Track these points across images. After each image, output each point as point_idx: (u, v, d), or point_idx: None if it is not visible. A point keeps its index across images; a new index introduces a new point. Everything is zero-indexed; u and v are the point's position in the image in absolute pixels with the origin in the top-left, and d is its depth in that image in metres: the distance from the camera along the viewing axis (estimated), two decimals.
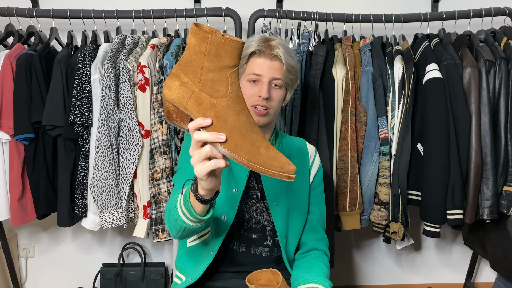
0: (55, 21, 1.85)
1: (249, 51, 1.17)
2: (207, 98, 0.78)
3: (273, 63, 1.17)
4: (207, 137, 0.77)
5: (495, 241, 1.81)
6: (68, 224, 1.75)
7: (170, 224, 1.02)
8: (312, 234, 1.26)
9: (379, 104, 1.72)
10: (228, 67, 0.77)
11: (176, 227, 0.98)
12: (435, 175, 1.64)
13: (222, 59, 0.76)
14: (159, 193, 1.70)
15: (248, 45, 1.18)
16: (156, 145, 1.68)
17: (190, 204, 0.91)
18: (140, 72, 1.66)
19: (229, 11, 1.79)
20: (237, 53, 0.77)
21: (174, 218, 0.97)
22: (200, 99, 0.79)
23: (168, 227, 1.05)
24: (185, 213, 0.93)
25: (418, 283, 2.36)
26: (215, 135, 0.76)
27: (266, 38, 1.20)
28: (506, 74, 1.65)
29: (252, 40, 1.20)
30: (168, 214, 1.02)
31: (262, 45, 1.17)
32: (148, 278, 2.10)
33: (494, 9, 1.84)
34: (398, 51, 1.75)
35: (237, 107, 0.78)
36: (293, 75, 1.22)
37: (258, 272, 1.06)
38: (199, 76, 0.78)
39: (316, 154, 1.33)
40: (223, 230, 1.16)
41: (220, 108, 0.78)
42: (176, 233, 1.01)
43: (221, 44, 0.75)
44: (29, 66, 1.67)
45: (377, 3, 2.11)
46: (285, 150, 1.27)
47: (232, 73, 0.78)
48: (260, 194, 1.21)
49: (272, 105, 1.19)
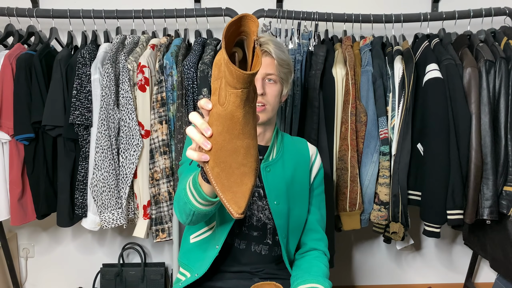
0: (55, 21, 1.85)
1: None
2: (217, 93, 0.76)
3: (264, 59, 1.19)
4: (196, 137, 0.76)
5: (495, 241, 1.81)
6: (68, 224, 1.75)
7: (180, 209, 1.01)
8: (311, 234, 1.27)
9: (379, 104, 1.72)
10: (230, 85, 0.72)
11: (186, 211, 0.97)
12: (435, 175, 1.64)
13: (226, 75, 0.72)
14: (159, 193, 1.70)
15: None
16: (156, 145, 1.68)
17: (199, 184, 0.91)
18: (140, 72, 1.66)
19: (229, 11, 1.79)
20: (240, 81, 0.71)
21: (183, 202, 0.96)
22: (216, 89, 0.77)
23: (177, 214, 1.04)
24: (194, 194, 0.92)
25: (418, 283, 2.36)
26: (202, 140, 0.76)
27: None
28: (506, 74, 1.65)
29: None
30: (178, 198, 1.02)
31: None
32: (148, 278, 2.10)
33: (494, 9, 1.84)
34: (398, 51, 1.75)
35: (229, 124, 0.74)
36: (286, 68, 1.23)
37: (261, 284, 1.06)
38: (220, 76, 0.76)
39: (317, 154, 1.33)
40: (228, 222, 1.16)
41: (214, 112, 0.75)
42: (186, 217, 1.00)
43: (226, 66, 0.70)
44: (29, 66, 1.67)
45: (377, 3, 2.11)
46: (286, 150, 1.27)
47: (232, 93, 0.72)
48: (262, 191, 1.21)
49: (268, 100, 1.20)
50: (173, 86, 1.69)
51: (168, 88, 1.68)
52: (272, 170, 1.22)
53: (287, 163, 1.24)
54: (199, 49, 1.73)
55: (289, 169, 1.24)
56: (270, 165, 1.22)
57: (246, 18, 0.70)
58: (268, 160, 1.23)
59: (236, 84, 0.70)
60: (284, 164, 1.24)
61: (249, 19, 0.70)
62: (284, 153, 1.26)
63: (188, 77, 1.65)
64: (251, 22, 0.71)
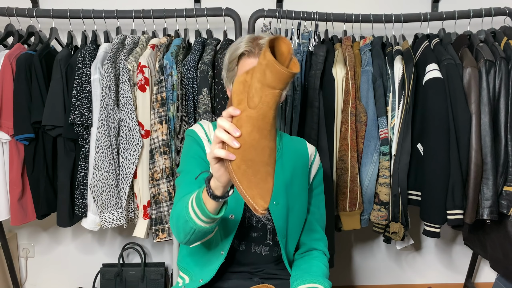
0: (55, 21, 1.85)
1: (238, 52, 1.15)
2: (244, 103, 0.83)
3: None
4: (225, 137, 0.81)
5: (495, 241, 1.81)
6: (68, 224, 1.75)
7: (178, 227, 1.00)
8: (311, 234, 1.26)
9: (379, 104, 1.72)
10: (269, 86, 0.80)
11: (186, 229, 0.97)
12: (435, 175, 1.64)
13: (266, 77, 0.79)
14: (159, 193, 1.70)
15: (237, 46, 1.16)
16: (156, 145, 1.68)
17: (203, 202, 0.91)
18: (140, 72, 1.66)
19: (229, 11, 1.79)
20: (281, 80, 0.79)
21: (184, 220, 0.96)
22: (242, 100, 0.84)
23: (175, 232, 1.04)
24: (197, 212, 0.93)
25: (418, 283, 2.36)
26: (231, 139, 0.80)
27: (254, 38, 1.18)
28: (506, 74, 1.65)
29: (240, 41, 1.17)
30: (177, 217, 1.01)
31: (250, 45, 1.15)
32: (148, 278, 2.10)
33: (494, 9, 1.84)
34: (398, 51, 1.75)
35: (260, 125, 0.81)
36: None
37: (256, 287, 1.07)
38: (252, 81, 0.84)
39: (316, 154, 1.32)
40: (232, 229, 1.15)
41: (244, 115, 0.82)
42: (184, 236, 1.00)
43: (270, 65, 0.78)
44: (29, 66, 1.67)
45: (377, 3, 2.11)
46: (285, 149, 1.27)
47: (269, 93, 0.80)
48: None
49: None
50: (173, 86, 1.69)
51: (168, 88, 1.68)
52: None
53: (286, 164, 1.24)
54: (199, 49, 1.73)
55: (288, 169, 1.24)
56: None
57: (280, 39, 0.82)
58: None
59: (277, 84, 0.78)
60: (283, 164, 1.24)
61: (283, 41, 0.82)
62: (283, 153, 1.26)
63: (188, 77, 1.65)
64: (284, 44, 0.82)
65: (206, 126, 1.24)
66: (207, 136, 1.21)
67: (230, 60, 1.18)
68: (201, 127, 1.23)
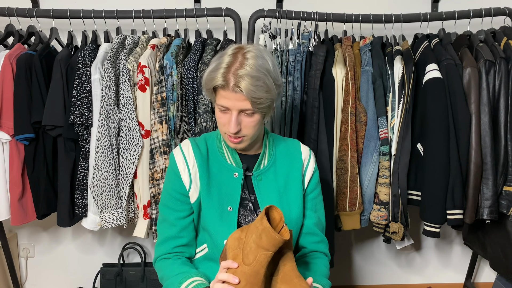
0: (55, 21, 1.85)
1: (213, 84, 1.08)
2: (239, 258, 0.98)
3: (238, 96, 1.05)
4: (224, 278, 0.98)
5: (495, 241, 1.81)
6: (68, 224, 1.75)
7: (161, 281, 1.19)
8: (310, 237, 1.25)
9: (379, 104, 1.72)
10: (263, 248, 0.94)
11: None
12: (435, 175, 1.64)
13: (262, 241, 0.94)
14: (159, 193, 1.71)
15: (213, 76, 1.07)
16: (156, 145, 1.68)
17: None
18: (140, 72, 1.66)
19: (229, 11, 1.79)
20: (274, 244, 0.93)
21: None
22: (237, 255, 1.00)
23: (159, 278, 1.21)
24: None
25: (418, 283, 2.37)
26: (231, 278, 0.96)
27: (232, 65, 1.06)
28: (506, 74, 1.65)
29: (218, 68, 1.07)
30: (161, 280, 1.19)
31: (225, 76, 1.05)
32: (148, 278, 2.10)
33: (494, 9, 1.84)
34: (398, 51, 1.76)
35: (253, 280, 0.95)
36: (263, 103, 1.08)
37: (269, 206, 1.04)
38: (246, 240, 0.99)
39: (311, 156, 1.28)
40: (233, 220, 1.17)
41: (239, 270, 0.97)
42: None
43: (266, 231, 0.93)
44: (29, 66, 1.67)
45: (377, 3, 2.11)
46: (278, 155, 1.25)
47: (262, 254, 0.94)
48: (252, 204, 1.20)
49: (245, 132, 1.12)
50: (173, 86, 1.69)
51: (168, 88, 1.69)
52: (264, 179, 1.21)
53: (279, 170, 1.23)
54: (199, 49, 1.73)
55: (281, 176, 1.22)
56: (262, 173, 1.21)
57: (273, 208, 1.01)
58: (259, 169, 1.21)
59: (271, 247, 0.93)
60: (276, 171, 1.22)
61: (275, 209, 1.01)
62: (276, 159, 1.24)
63: (188, 77, 1.66)
64: (276, 212, 1.01)
65: (186, 149, 1.21)
66: (186, 161, 1.19)
67: (206, 88, 1.13)
68: (181, 151, 1.21)
